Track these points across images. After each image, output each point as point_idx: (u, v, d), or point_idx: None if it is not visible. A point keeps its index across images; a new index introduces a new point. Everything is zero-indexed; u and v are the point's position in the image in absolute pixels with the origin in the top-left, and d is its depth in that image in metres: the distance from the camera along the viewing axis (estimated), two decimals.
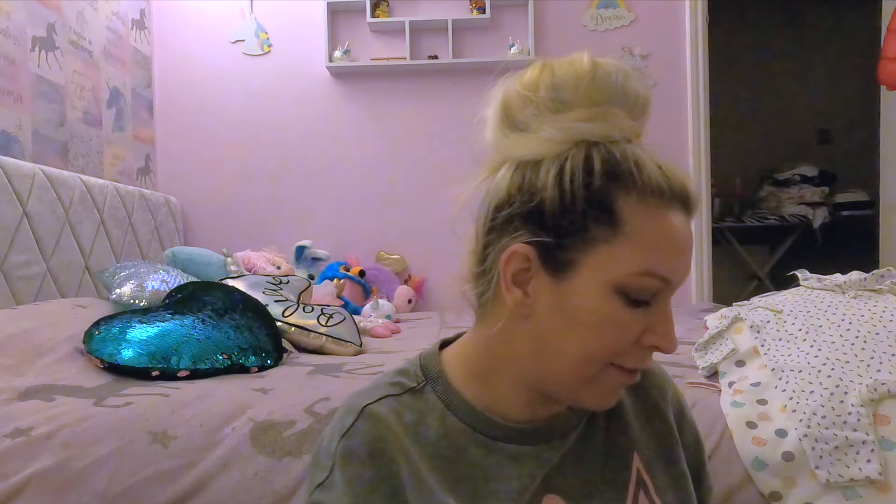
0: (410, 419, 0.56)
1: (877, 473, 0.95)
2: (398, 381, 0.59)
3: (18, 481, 1.02)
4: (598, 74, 0.52)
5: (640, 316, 0.51)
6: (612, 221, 0.49)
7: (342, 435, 0.54)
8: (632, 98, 0.53)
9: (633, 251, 0.49)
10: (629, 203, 0.49)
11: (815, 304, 1.29)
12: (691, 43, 2.93)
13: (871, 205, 3.73)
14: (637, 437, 0.61)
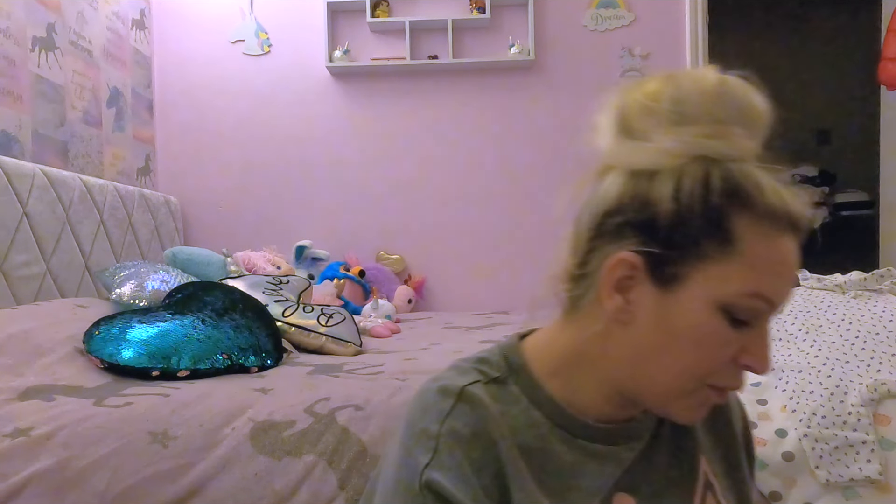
0: (500, 406, 0.56)
1: (877, 473, 0.95)
2: (482, 370, 0.58)
3: (18, 481, 1.02)
4: (723, 91, 0.52)
5: (739, 336, 0.51)
6: (726, 240, 0.49)
7: (445, 416, 0.53)
8: (754, 117, 0.53)
9: (745, 271, 0.49)
10: (745, 223, 0.49)
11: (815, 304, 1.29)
12: (691, 43, 2.93)
13: (871, 205, 3.73)
14: (702, 441, 0.62)
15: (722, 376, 0.52)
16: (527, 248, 2.96)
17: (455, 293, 2.98)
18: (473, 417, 0.54)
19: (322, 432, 1.10)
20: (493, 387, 0.57)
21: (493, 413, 0.54)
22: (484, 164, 2.97)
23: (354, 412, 1.13)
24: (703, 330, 0.50)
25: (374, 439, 1.10)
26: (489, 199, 2.96)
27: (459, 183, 2.97)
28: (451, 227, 2.97)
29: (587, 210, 0.55)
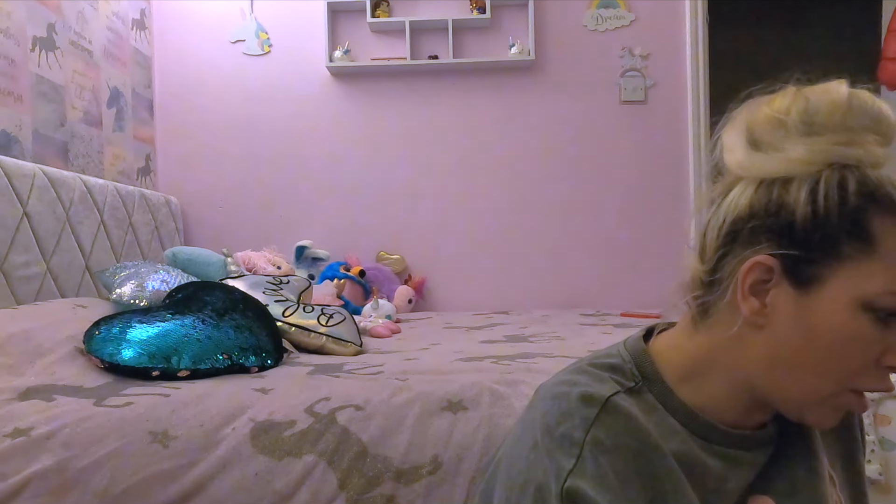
0: (639, 415, 0.56)
1: (877, 474, 0.95)
2: (616, 378, 0.59)
3: (19, 481, 1.02)
4: (852, 102, 0.54)
5: (883, 336, 0.51)
6: (866, 239, 0.50)
7: (590, 424, 0.53)
8: (885, 126, 0.54)
9: (886, 270, 0.50)
10: (883, 224, 0.51)
11: None
12: (691, 43, 2.93)
13: None
14: (821, 436, 0.63)
15: (865, 379, 0.52)
16: (527, 248, 2.96)
17: (455, 293, 2.98)
18: (617, 429, 0.53)
19: (322, 432, 1.10)
20: (629, 396, 0.57)
21: (640, 424, 0.54)
22: (484, 164, 2.97)
23: (354, 412, 1.13)
24: (846, 330, 0.51)
25: (374, 439, 1.10)
26: (489, 199, 2.96)
27: (460, 183, 2.97)
28: (452, 227, 2.97)
29: (716, 219, 0.57)
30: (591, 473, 0.51)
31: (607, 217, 2.95)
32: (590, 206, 2.96)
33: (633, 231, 2.94)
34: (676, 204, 2.95)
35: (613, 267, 2.93)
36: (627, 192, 2.95)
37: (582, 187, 2.96)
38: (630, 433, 0.54)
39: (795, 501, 0.58)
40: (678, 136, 2.95)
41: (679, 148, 2.95)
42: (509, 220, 2.96)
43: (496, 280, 2.96)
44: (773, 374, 0.55)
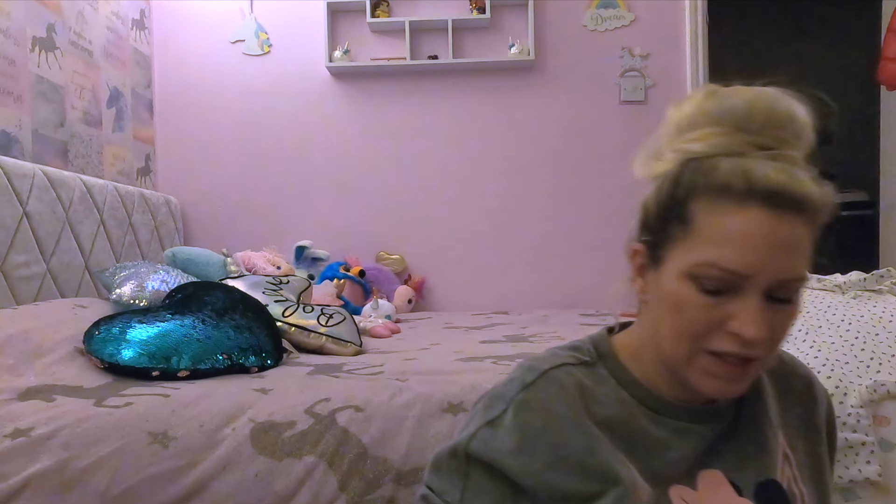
0: (587, 385, 0.65)
1: (876, 475, 0.95)
2: (573, 354, 0.68)
3: (19, 481, 1.02)
4: (707, 101, 0.61)
5: (716, 303, 0.57)
6: (685, 221, 0.59)
7: (523, 387, 0.63)
8: (734, 116, 0.59)
9: (700, 245, 0.57)
10: (700, 204, 0.58)
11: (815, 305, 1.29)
12: (691, 43, 2.93)
13: (871, 205, 3.73)
14: (781, 418, 0.69)
15: (716, 342, 0.58)
16: (527, 248, 2.96)
17: (455, 293, 2.98)
18: (547, 394, 0.63)
19: (322, 433, 1.10)
20: (583, 368, 0.66)
21: (570, 394, 0.63)
22: (484, 164, 2.97)
23: (354, 413, 1.13)
24: (677, 298, 0.59)
25: (374, 441, 1.10)
26: (489, 199, 2.96)
27: (459, 183, 2.97)
28: (452, 227, 2.97)
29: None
30: (506, 425, 0.61)
31: (607, 217, 2.94)
32: (590, 206, 2.96)
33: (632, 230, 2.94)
34: None
35: (613, 266, 2.92)
36: (627, 192, 2.94)
37: (582, 187, 2.96)
38: (559, 400, 0.62)
39: (743, 474, 0.64)
40: None
41: None
42: (509, 219, 2.96)
43: (496, 280, 2.96)
44: (657, 343, 0.63)
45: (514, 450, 0.60)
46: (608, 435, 0.62)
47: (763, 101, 0.59)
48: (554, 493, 0.60)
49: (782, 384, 0.71)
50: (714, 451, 0.64)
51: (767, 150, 0.58)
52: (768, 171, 0.56)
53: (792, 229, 0.56)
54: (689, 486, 0.62)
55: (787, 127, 0.60)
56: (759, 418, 0.67)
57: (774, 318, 0.57)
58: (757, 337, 0.56)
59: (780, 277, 0.56)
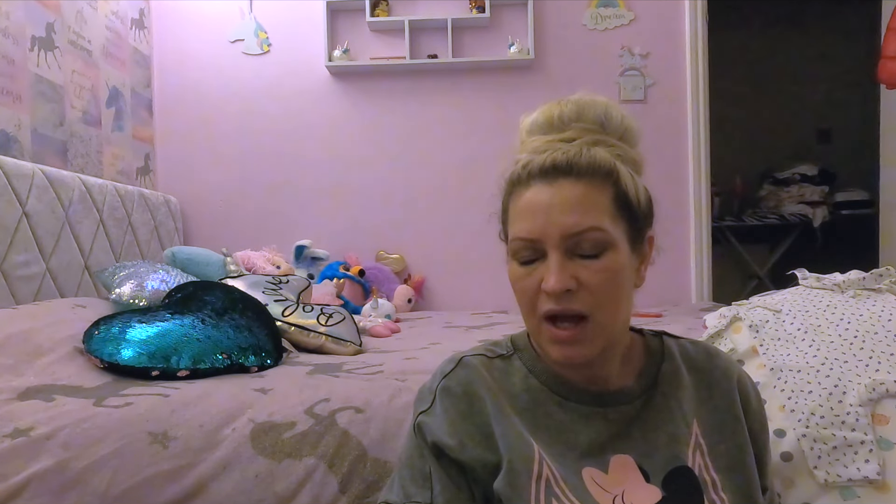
0: (499, 375, 0.73)
1: (875, 473, 0.95)
2: (491, 349, 0.76)
3: (18, 482, 1.02)
4: (535, 115, 0.76)
5: (531, 270, 0.67)
6: (505, 211, 0.74)
7: (444, 376, 0.73)
8: (539, 123, 0.75)
9: (510, 229, 0.71)
10: (510, 199, 0.72)
11: (814, 304, 1.29)
12: (691, 43, 2.93)
13: (871, 204, 3.73)
14: (697, 408, 0.72)
15: (540, 305, 0.66)
16: None
17: (455, 293, 2.98)
18: (465, 378, 0.71)
19: (322, 434, 1.10)
20: (498, 361, 0.74)
21: (483, 376, 0.71)
22: (484, 163, 2.97)
23: (355, 414, 1.13)
24: (511, 276, 0.70)
25: (374, 442, 1.10)
26: (489, 198, 2.95)
27: (459, 182, 2.97)
28: (451, 226, 2.97)
29: None
30: (437, 412, 0.70)
31: None
32: None
33: None
34: (676, 204, 2.95)
35: None
36: None
37: None
38: (476, 382, 0.71)
39: (652, 461, 0.68)
40: (678, 136, 2.95)
41: (679, 147, 2.95)
42: None
43: (495, 279, 2.95)
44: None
45: (449, 431, 0.68)
46: (521, 417, 0.69)
47: (569, 104, 0.72)
48: (487, 468, 0.67)
49: (702, 377, 0.75)
50: (625, 435, 0.69)
51: (569, 142, 0.69)
52: (546, 155, 0.68)
53: (569, 190, 0.66)
54: (601, 469, 0.67)
55: (588, 119, 0.71)
56: (672, 408, 0.71)
57: (583, 272, 0.65)
58: (555, 286, 0.63)
59: (569, 232, 0.64)
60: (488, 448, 0.67)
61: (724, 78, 3.98)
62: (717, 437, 0.71)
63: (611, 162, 0.67)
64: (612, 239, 0.65)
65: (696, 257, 2.95)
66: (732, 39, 4.24)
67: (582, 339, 0.65)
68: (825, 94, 4.37)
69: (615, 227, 0.66)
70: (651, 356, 0.75)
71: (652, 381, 0.73)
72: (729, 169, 4.13)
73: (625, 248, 0.67)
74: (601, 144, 0.69)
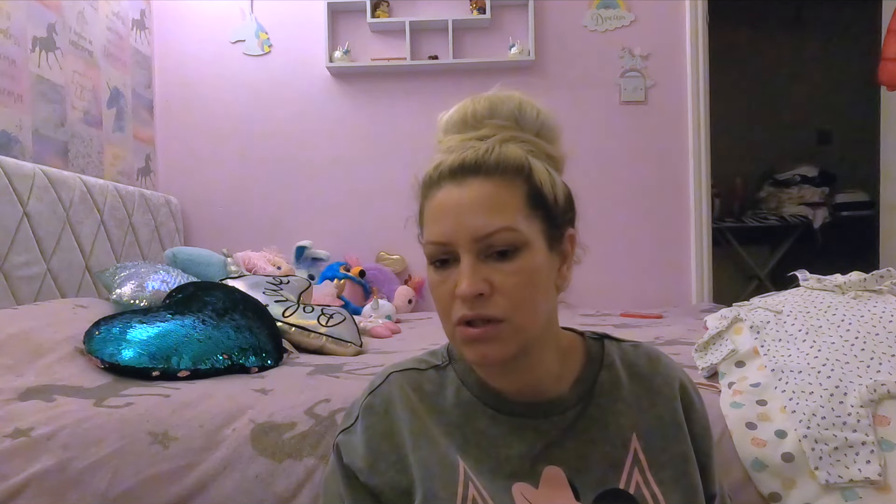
0: (430, 389, 0.70)
1: (876, 474, 0.95)
2: (426, 359, 0.75)
3: (19, 482, 1.02)
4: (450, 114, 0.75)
5: (446, 276, 0.64)
6: (420, 216, 0.70)
7: (370, 392, 0.71)
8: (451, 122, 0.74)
9: (424, 229, 0.68)
10: (424, 202, 0.69)
11: (815, 305, 1.29)
12: (691, 43, 2.93)
13: (871, 205, 3.73)
14: (637, 419, 0.69)
15: (455, 312, 0.63)
16: None
17: None
18: (387, 396, 0.70)
19: (322, 434, 1.09)
20: (431, 372, 0.72)
21: (407, 395, 0.70)
22: None
23: None
24: (429, 283, 0.67)
25: None
26: None
27: None
28: None
29: None
30: (357, 430, 0.69)
31: (607, 217, 2.94)
32: (589, 206, 2.93)
33: (633, 231, 2.94)
34: (676, 204, 2.95)
35: (613, 267, 2.93)
36: (627, 192, 2.95)
37: (581, 187, 2.94)
38: (399, 401, 0.69)
39: (584, 479, 0.66)
40: (678, 136, 2.95)
41: (679, 148, 2.95)
42: None
43: None
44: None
45: (363, 452, 0.67)
46: (449, 437, 0.67)
47: (482, 101, 0.70)
48: (396, 491, 0.65)
49: (643, 384, 0.71)
50: (558, 444, 0.67)
51: (483, 139, 0.67)
52: (455, 155, 0.66)
53: (477, 190, 0.63)
54: (532, 484, 0.65)
55: (502, 115, 0.69)
56: (608, 423, 0.68)
57: (496, 275, 0.62)
58: (467, 291, 0.61)
59: (479, 234, 0.62)
60: (401, 471, 0.66)
61: (725, 79, 3.98)
62: (660, 447, 0.68)
63: (522, 157, 0.65)
64: (526, 239, 0.63)
65: (697, 258, 2.95)
66: (733, 40, 4.24)
67: (496, 337, 0.62)
68: (826, 95, 4.38)
69: (529, 225, 0.64)
70: (590, 362, 0.72)
71: (588, 389, 0.70)
72: (729, 170, 4.13)
73: (541, 248, 0.65)
74: (515, 141, 0.67)
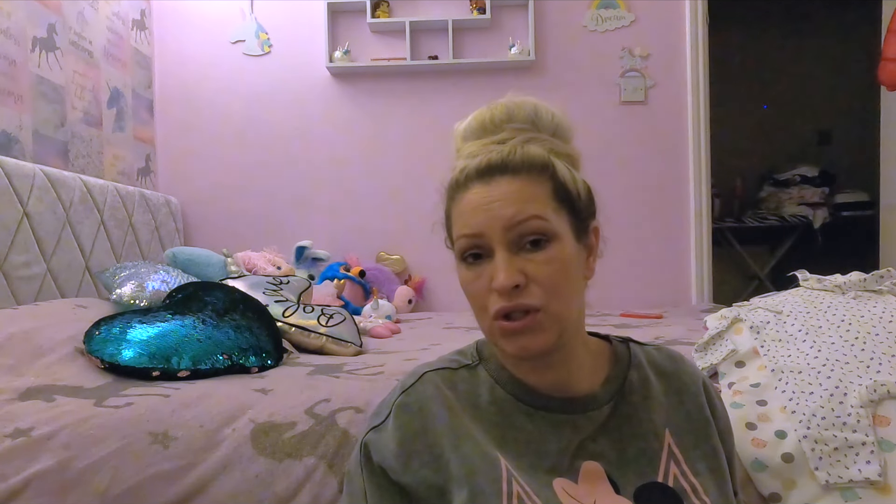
0: (463, 388, 0.71)
1: (876, 475, 0.95)
2: (456, 359, 0.75)
3: (19, 482, 1.02)
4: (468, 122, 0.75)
5: (480, 271, 0.66)
6: (449, 218, 0.72)
7: (402, 391, 0.71)
8: (471, 129, 0.74)
9: (454, 228, 0.70)
10: (452, 206, 0.71)
11: (815, 305, 1.29)
12: (691, 43, 2.93)
13: (871, 205, 3.73)
14: (668, 416, 0.71)
15: (491, 305, 0.65)
16: None
17: (455, 293, 2.95)
18: (423, 395, 0.70)
19: (322, 434, 1.10)
20: (463, 371, 0.73)
21: (444, 393, 0.70)
22: None
23: (355, 415, 1.13)
24: (461, 281, 0.70)
25: None
26: None
27: None
28: None
29: None
30: (389, 428, 0.69)
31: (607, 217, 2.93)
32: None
33: (632, 231, 2.94)
34: (676, 204, 2.95)
35: (613, 267, 2.93)
36: (627, 193, 2.95)
37: None
38: (434, 400, 0.69)
39: (623, 473, 0.67)
40: (678, 136, 2.95)
41: (679, 148, 2.95)
42: None
43: None
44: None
45: (396, 450, 0.67)
46: (488, 434, 0.68)
47: (499, 107, 0.71)
48: (431, 489, 0.65)
49: (672, 383, 0.74)
50: (594, 440, 0.68)
51: (503, 143, 0.69)
52: (481, 158, 0.68)
53: (506, 186, 0.66)
54: (572, 479, 0.66)
55: (519, 119, 0.71)
56: (642, 420, 0.70)
57: (529, 266, 0.64)
58: (504, 283, 0.63)
59: (510, 222, 0.64)
60: (436, 470, 0.66)
61: (725, 79, 3.98)
62: (692, 442, 0.70)
63: (545, 156, 0.68)
64: (555, 229, 0.65)
65: (697, 258, 2.95)
66: (733, 40, 4.24)
67: (535, 327, 0.64)
68: (825, 95, 4.38)
69: (558, 218, 0.66)
70: (618, 363, 0.74)
71: (619, 387, 0.72)
72: (729, 170, 4.13)
73: (569, 239, 0.67)
74: (534, 142, 0.69)
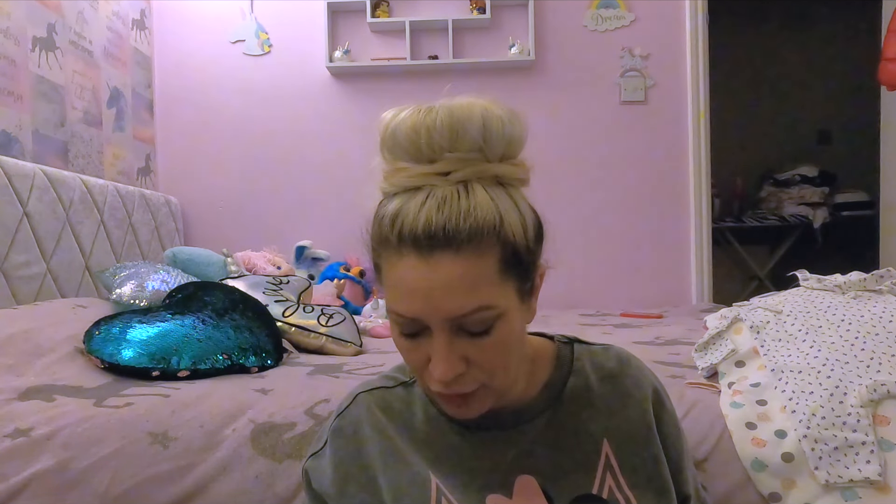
0: (398, 407, 0.69)
1: (876, 474, 0.95)
2: (393, 376, 0.73)
3: (19, 482, 1.02)
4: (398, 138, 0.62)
5: (417, 344, 0.59)
6: (379, 269, 0.62)
7: (338, 415, 0.71)
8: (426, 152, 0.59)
9: (387, 293, 0.59)
10: (383, 258, 0.59)
11: (815, 305, 1.29)
12: (691, 43, 2.93)
13: (871, 205, 3.73)
14: (607, 424, 0.68)
15: (429, 380, 0.60)
16: None
17: None
18: (355, 418, 0.69)
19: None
20: (399, 390, 0.71)
21: (376, 415, 0.68)
22: None
23: None
24: (394, 339, 0.62)
25: None
26: None
27: None
28: None
29: None
30: (326, 454, 0.69)
31: (607, 217, 2.94)
32: (589, 206, 2.96)
33: (633, 231, 2.94)
34: (676, 204, 2.95)
35: (613, 267, 2.93)
36: (627, 192, 2.95)
37: (581, 187, 2.96)
38: (366, 422, 0.68)
39: (557, 485, 0.65)
40: (678, 136, 2.95)
41: (679, 148, 2.95)
42: None
43: None
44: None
45: (332, 476, 0.67)
46: (420, 454, 0.66)
47: (442, 125, 0.58)
48: None
49: (613, 387, 0.70)
50: (530, 453, 0.66)
51: (447, 175, 0.58)
52: (418, 213, 0.55)
53: (446, 269, 0.54)
54: (505, 495, 0.64)
55: (466, 144, 0.59)
56: (578, 430, 0.67)
57: (471, 349, 0.57)
58: (444, 377, 0.56)
59: (452, 315, 0.55)
60: (372, 493, 0.65)
61: (725, 79, 3.98)
62: (631, 450, 0.67)
63: (493, 216, 0.57)
64: (501, 310, 0.57)
65: (697, 258, 2.95)
66: (733, 40, 4.24)
67: (474, 401, 0.61)
68: (825, 95, 4.37)
69: (503, 291, 0.58)
70: (559, 367, 0.71)
71: (557, 394, 0.69)
72: (729, 170, 4.13)
73: (515, 308, 0.59)
74: (483, 180, 0.60)
